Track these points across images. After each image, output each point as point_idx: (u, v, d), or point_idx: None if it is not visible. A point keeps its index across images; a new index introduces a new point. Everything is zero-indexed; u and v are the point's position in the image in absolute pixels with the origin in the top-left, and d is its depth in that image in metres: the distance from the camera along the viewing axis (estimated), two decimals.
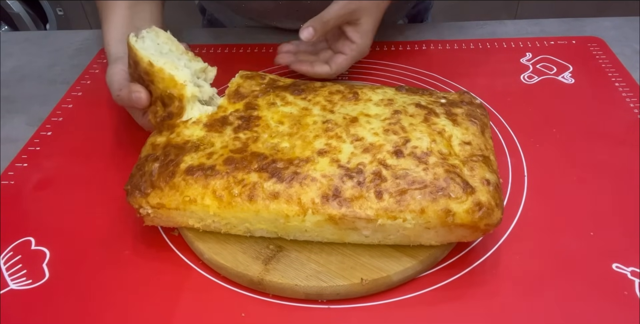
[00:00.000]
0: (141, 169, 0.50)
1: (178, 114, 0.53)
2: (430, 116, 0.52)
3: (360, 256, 0.49)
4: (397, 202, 0.45)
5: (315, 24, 0.62)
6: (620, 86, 0.70)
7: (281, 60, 0.69)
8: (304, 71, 0.67)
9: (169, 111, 0.53)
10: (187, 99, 0.53)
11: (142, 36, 0.56)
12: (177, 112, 0.53)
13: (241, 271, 0.48)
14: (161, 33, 0.57)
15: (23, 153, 0.65)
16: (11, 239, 0.54)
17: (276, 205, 0.46)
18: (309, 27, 0.62)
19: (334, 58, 0.66)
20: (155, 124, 0.54)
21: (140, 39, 0.55)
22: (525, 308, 0.46)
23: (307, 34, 0.62)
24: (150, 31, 0.57)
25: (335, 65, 0.66)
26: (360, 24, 0.64)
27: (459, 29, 0.84)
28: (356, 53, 0.66)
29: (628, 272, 0.48)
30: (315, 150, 0.49)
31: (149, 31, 0.57)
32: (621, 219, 0.53)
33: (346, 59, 0.66)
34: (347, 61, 0.66)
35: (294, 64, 0.68)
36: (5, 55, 0.85)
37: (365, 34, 0.65)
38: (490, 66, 0.76)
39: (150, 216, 0.49)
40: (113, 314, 0.47)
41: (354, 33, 0.65)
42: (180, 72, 0.53)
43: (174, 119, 0.53)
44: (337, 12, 0.62)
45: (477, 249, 0.51)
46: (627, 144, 0.61)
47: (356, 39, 0.65)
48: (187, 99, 0.53)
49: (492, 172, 0.47)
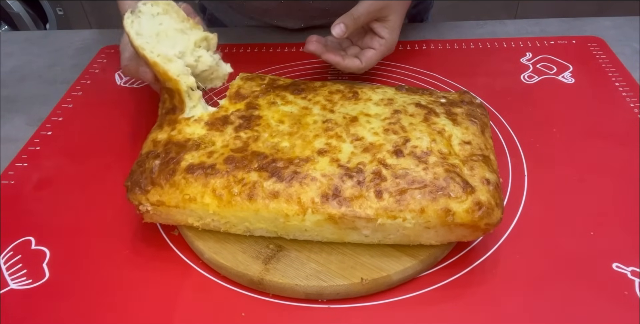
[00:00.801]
0: (142, 165, 0.50)
1: (180, 108, 0.53)
2: (430, 116, 0.52)
3: (360, 255, 0.49)
4: (397, 201, 0.45)
5: (346, 21, 0.63)
6: (620, 86, 0.70)
7: (312, 47, 0.67)
8: (334, 62, 0.66)
9: (173, 103, 0.54)
10: (184, 93, 0.53)
11: (138, 11, 0.54)
12: (179, 106, 0.53)
13: (241, 270, 0.48)
14: (160, 2, 0.56)
15: (23, 153, 0.65)
16: (11, 238, 0.54)
17: (276, 204, 0.46)
18: (341, 24, 0.63)
19: (363, 52, 0.67)
20: (159, 115, 0.55)
21: (136, 19, 0.54)
22: (525, 308, 0.46)
23: (339, 30, 0.63)
24: (146, 3, 0.55)
25: (366, 59, 0.66)
26: (389, 20, 0.66)
27: (459, 28, 0.84)
28: (385, 48, 0.67)
29: (628, 272, 0.48)
30: (315, 149, 0.49)
31: (145, 3, 0.55)
32: (621, 218, 0.53)
33: (376, 53, 0.67)
34: (377, 55, 0.67)
35: (324, 53, 0.67)
36: (5, 55, 0.85)
37: (393, 30, 0.67)
38: (490, 66, 0.76)
39: (149, 213, 0.49)
40: (113, 314, 0.47)
41: (383, 29, 0.66)
42: (173, 65, 0.53)
43: (177, 113, 0.53)
44: (367, 9, 0.64)
45: (477, 249, 0.51)
46: (627, 144, 0.61)
47: (385, 34, 0.66)
48: (183, 92, 0.53)
49: (492, 172, 0.47)
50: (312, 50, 0.67)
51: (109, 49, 0.84)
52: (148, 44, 0.53)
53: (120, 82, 0.76)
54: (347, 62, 0.66)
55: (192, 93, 0.53)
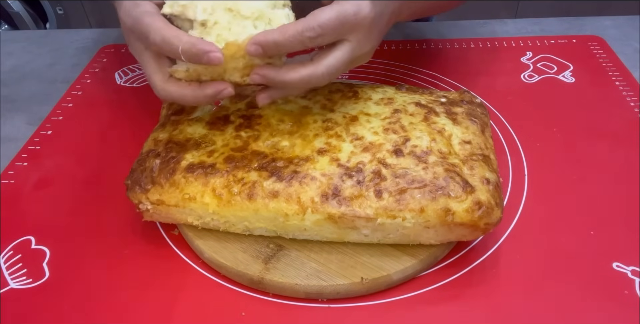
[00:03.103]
0: (142, 164, 0.50)
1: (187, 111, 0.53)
2: (430, 115, 0.52)
3: (360, 255, 0.49)
4: (397, 201, 0.45)
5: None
6: (620, 85, 0.70)
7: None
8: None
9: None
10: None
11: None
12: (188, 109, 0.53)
13: (241, 270, 0.48)
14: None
15: (23, 152, 0.65)
16: (11, 238, 0.54)
17: (275, 204, 0.46)
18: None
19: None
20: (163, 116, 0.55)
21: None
22: (525, 307, 0.46)
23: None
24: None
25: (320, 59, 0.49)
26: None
27: (459, 28, 0.84)
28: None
29: (628, 271, 0.48)
30: (315, 149, 0.49)
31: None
32: (621, 218, 0.53)
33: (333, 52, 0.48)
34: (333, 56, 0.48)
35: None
36: (5, 54, 0.85)
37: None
38: (491, 65, 0.75)
39: (149, 212, 0.49)
40: (113, 314, 0.47)
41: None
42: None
43: (183, 115, 0.53)
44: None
45: (477, 249, 0.51)
46: (628, 143, 0.61)
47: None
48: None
49: (492, 172, 0.47)
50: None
51: (109, 49, 0.84)
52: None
53: (120, 82, 0.76)
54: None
55: None
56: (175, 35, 0.42)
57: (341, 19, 0.42)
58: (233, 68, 0.44)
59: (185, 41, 0.41)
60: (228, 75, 0.45)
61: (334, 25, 0.42)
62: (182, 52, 0.41)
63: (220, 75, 0.45)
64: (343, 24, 0.43)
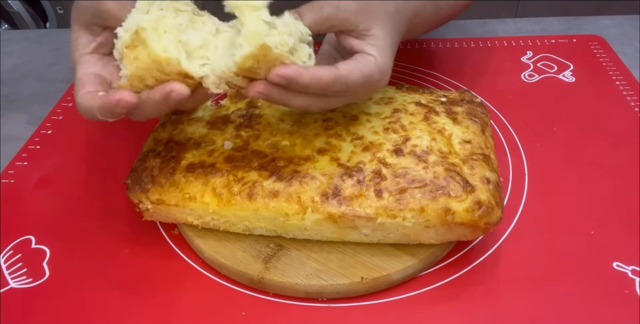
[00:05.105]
0: (142, 163, 0.50)
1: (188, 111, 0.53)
2: (431, 115, 0.52)
3: (360, 254, 0.49)
4: (397, 200, 0.45)
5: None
6: (620, 85, 0.70)
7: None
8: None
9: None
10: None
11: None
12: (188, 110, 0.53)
13: (241, 269, 0.48)
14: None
15: (23, 152, 0.65)
16: (11, 237, 0.54)
17: (276, 203, 0.46)
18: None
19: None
20: (163, 115, 0.54)
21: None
22: (526, 307, 0.46)
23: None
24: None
25: (342, 65, 0.49)
26: (372, 36, 0.48)
27: (459, 27, 0.84)
28: (374, 66, 0.48)
29: (629, 271, 0.48)
30: (315, 148, 0.49)
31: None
32: (622, 217, 0.53)
33: (356, 65, 0.48)
34: (358, 69, 0.48)
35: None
36: (5, 53, 0.84)
37: (382, 48, 0.49)
38: (491, 65, 0.75)
39: (149, 211, 0.49)
40: (113, 313, 0.47)
41: (368, 46, 0.48)
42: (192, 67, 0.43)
43: (183, 114, 0.53)
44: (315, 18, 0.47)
45: (478, 248, 0.51)
46: (628, 143, 0.61)
47: (372, 51, 0.48)
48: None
49: (492, 171, 0.47)
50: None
51: None
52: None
53: None
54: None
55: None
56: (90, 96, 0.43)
57: (367, 81, 0.44)
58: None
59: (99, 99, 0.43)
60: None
61: (359, 86, 0.44)
62: (99, 110, 0.43)
63: (167, 75, 0.40)
64: (367, 86, 0.45)
